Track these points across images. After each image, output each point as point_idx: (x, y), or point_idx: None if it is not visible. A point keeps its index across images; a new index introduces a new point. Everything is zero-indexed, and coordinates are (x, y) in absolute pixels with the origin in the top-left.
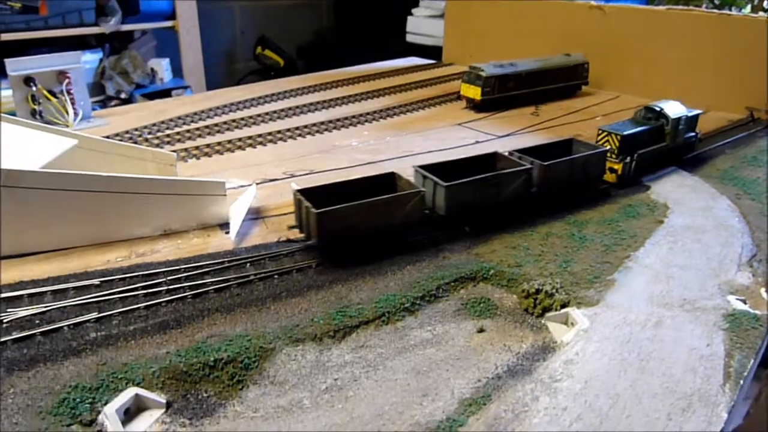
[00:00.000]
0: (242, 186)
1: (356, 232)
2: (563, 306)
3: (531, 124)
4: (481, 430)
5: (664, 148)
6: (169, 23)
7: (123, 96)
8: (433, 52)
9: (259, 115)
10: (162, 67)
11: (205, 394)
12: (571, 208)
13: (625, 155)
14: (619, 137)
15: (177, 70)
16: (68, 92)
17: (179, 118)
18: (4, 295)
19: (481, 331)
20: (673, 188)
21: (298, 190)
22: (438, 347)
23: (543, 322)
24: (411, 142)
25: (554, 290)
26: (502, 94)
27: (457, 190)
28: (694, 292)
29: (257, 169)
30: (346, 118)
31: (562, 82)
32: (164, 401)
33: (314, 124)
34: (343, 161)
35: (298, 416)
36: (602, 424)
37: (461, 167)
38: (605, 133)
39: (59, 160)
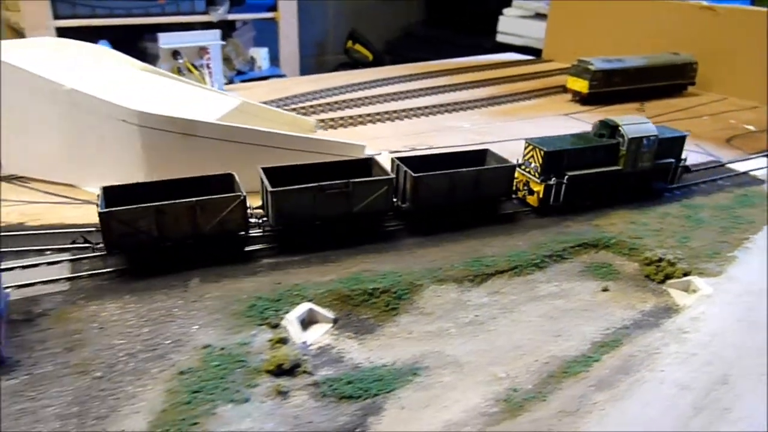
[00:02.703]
0: (369, 155)
1: (156, 239)
2: (685, 275)
3: None
4: (617, 364)
5: (615, 174)
6: (270, 14)
7: (224, 81)
8: (522, 52)
9: (374, 96)
10: (260, 55)
11: (364, 316)
12: (462, 228)
13: (550, 176)
14: (542, 153)
15: (273, 59)
16: (207, 66)
17: (302, 94)
18: None
19: (605, 290)
20: None
21: (104, 187)
22: (566, 299)
23: (664, 288)
24: (520, 128)
25: (676, 260)
26: (609, 88)
27: (289, 198)
28: None
29: (380, 142)
30: (456, 103)
31: (668, 80)
32: (332, 317)
33: (426, 107)
34: (458, 140)
35: (446, 341)
36: (731, 370)
37: (322, 172)
38: (531, 147)
39: (226, 117)
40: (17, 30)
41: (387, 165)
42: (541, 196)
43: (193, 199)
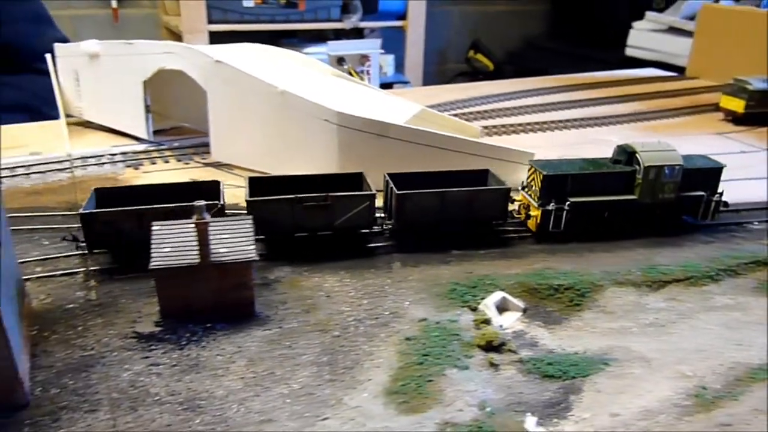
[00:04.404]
0: None
1: (136, 240)
2: None
3: None
4: None
5: (629, 203)
6: (399, 23)
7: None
8: (654, 67)
9: (522, 107)
10: (387, 62)
11: (550, 309)
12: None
13: (550, 200)
14: (541, 176)
15: (397, 66)
16: (367, 72)
17: (452, 103)
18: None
19: None
20: None
21: (96, 188)
22: (742, 312)
23: None
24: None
25: None
26: (767, 109)
27: (266, 208)
28: None
29: (536, 152)
30: (602, 117)
31: None
32: (523, 306)
33: (574, 119)
34: (610, 153)
35: (630, 338)
36: None
37: (309, 184)
38: (533, 170)
39: (410, 120)
40: (175, 32)
41: None
42: (538, 221)
43: (172, 205)
